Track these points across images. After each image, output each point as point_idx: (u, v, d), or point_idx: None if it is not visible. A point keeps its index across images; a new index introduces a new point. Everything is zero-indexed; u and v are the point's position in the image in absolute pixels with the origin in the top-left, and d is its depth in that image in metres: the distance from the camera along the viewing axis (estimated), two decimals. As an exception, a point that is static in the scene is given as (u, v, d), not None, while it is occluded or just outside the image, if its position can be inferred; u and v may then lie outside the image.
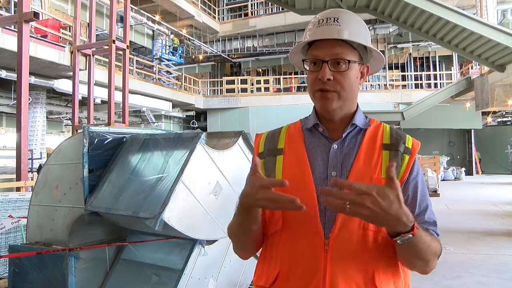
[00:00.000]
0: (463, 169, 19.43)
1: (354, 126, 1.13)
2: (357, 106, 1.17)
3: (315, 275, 1.02)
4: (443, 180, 17.36)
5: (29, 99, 9.61)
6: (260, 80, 20.92)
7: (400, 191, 0.89)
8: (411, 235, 0.93)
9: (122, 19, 12.03)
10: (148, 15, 17.09)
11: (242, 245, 1.16)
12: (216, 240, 2.88)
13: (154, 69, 17.42)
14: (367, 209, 0.87)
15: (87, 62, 9.10)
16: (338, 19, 1.09)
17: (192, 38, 20.23)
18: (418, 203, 1.08)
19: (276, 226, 1.10)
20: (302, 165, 1.10)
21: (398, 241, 0.94)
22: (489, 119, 19.18)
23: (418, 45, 20.65)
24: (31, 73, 8.72)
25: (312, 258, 1.03)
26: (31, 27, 8.53)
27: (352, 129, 1.13)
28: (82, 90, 9.49)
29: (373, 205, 0.86)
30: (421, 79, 19.84)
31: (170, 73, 19.35)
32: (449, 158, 20.70)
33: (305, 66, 1.13)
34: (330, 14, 1.11)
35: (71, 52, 9.44)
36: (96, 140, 2.85)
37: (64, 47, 9.91)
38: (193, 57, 22.66)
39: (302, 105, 17.72)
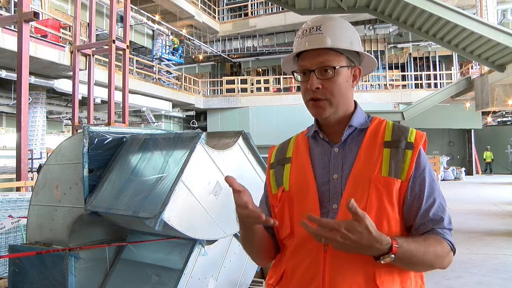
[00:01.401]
0: (463, 169, 19.43)
1: (353, 128, 1.14)
2: (356, 106, 1.18)
3: (315, 276, 1.04)
4: (443, 180, 17.38)
5: (29, 99, 9.61)
6: (260, 80, 20.91)
7: (368, 219, 0.93)
8: (392, 255, 0.95)
9: (122, 19, 12.03)
10: (148, 15, 17.09)
11: (252, 253, 1.23)
12: (216, 240, 2.88)
13: (154, 69, 17.41)
14: (338, 243, 0.93)
15: (87, 62, 9.10)
16: (320, 27, 1.11)
17: (192, 38, 20.23)
18: (425, 199, 1.06)
19: (286, 231, 1.14)
20: (305, 171, 1.15)
21: (382, 262, 0.97)
22: (489, 119, 19.19)
23: (418, 45, 20.66)
24: (31, 73, 8.72)
25: (312, 259, 1.06)
26: (31, 27, 8.53)
27: (352, 131, 1.14)
28: (82, 90, 9.49)
29: (343, 239, 0.92)
30: (421, 79, 19.83)
31: (170, 73, 19.35)
32: (449, 158, 20.71)
33: (296, 76, 1.17)
34: (313, 23, 1.13)
35: (71, 52, 9.44)
36: (96, 140, 2.84)
37: (64, 47, 9.91)
38: (193, 57, 22.66)
39: (302, 105, 17.41)
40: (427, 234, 1.05)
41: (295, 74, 1.17)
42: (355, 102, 1.19)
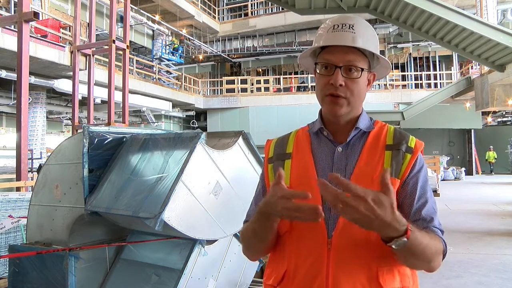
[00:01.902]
0: (463, 169, 19.45)
1: (358, 129, 1.16)
2: (362, 109, 1.20)
3: (318, 274, 1.03)
4: (443, 180, 17.36)
5: (29, 99, 9.61)
6: (260, 80, 20.91)
7: (394, 198, 0.89)
8: (405, 239, 0.92)
9: (122, 19, 12.03)
10: (148, 15, 17.09)
11: (255, 250, 1.19)
12: (216, 240, 2.88)
13: (154, 69, 17.42)
14: (360, 213, 0.86)
15: (87, 62, 9.10)
16: (353, 26, 1.11)
17: (192, 38, 20.23)
18: (417, 198, 1.08)
19: (284, 227, 1.13)
20: (307, 168, 1.14)
21: (393, 246, 0.93)
22: (489, 119, 19.19)
23: (418, 45, 20.66)
24: (31, 73, 8.72)
25: (315, 257, 1.05)
26: (31, 27, 8.53)
27: (357, 132, 1.16)
28: (82, 90, 9.49)
29: (366, 210, 0.86)
30: (421, 79, 19.84)
31: (170, 73, 19.35)
32: (449, 158, 20.71)
33: (316, 69, 1.15)
34: (345, 20, 1.13)
35: (71, 52, 9.44)
36: (96, 140, 2.84)
37: (64, 47, 9.91)
38: (193, 57, 22.67)
39: (302, 105, 17.72)
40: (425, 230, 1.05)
41: (316, 65, 1.15)
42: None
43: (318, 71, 1.14)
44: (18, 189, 5.71)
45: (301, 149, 1.19)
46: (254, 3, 22.02)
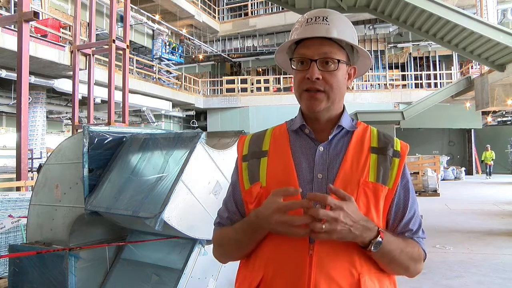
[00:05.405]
0: (463, 168, 19.45)
1: (341, 128, 1.11)
2: (344, 107, 1.15)
3: (299, 281, 0.98)
4: (443, 179, 17.38)
5: (29, 98, 9.61)
6: (260, 80, 20.92)
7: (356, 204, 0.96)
8: (380, 239, 0.97)
9: (122, 19, 12.03)
10: (148, 14, 17.09)
11: (232, 256, 1.16)
12: (216, 240, 2.87)
13: (154, 68, 17.42)
14: (341, 223, 0.91)
15: (87, 62, 9.10)
16: (326, 18, 1.08)
17: (192, 38, 20.24)
18: (408, 211, 1.09)
19: None
20: (287, 168, 1.07)
21: (372, 249, 0.97)
22: (489, 118, 19.18)
23: (418, 44, 20.65)
24: (31, 73, 8.72)
25: (296, 263, 1.00)
26: (31, 26, 8.53)
27: (339, 131, 1.11)
28: (82, 90, 9.50)
29: (345, 218, 0.91)
30: (421, 79, 19.85)
31: (170, 73, 19.35)
32: (449, 157, 20.72)
33: (292, 65, 1.11)
34: (318, 13, 1.10)
35: (71, 52, 9.44)
36: (96, 139, 2.84)
37: (64, 46, 9.91)
38: (193, 56, 22.67)
39: (302, 104, 17.69)
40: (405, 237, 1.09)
41: (292, 61, 1.11)
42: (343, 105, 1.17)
43: (294, 67, 1.09)
44: (18, 189, 5.71)
45: (278, 147, 1.12)
46: (254, 3, 22.02)
